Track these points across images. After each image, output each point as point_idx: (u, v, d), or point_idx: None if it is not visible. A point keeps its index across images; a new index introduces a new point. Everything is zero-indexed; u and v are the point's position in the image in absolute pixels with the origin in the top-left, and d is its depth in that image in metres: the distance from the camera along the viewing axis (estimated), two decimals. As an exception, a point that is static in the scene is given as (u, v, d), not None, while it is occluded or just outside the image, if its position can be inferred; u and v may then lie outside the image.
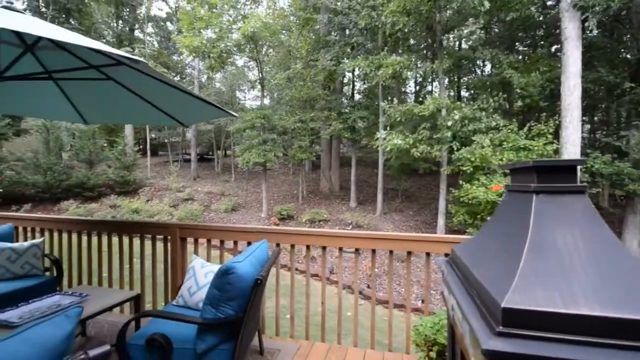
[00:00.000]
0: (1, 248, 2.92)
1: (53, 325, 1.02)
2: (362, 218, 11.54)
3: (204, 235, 2.97)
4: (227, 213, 12.95)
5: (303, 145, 12.61)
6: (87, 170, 14.10)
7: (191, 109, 3.08)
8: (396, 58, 9.38)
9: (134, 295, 2.61)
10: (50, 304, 2.32)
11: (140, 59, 1.48)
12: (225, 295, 1.83)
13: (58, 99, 3.27)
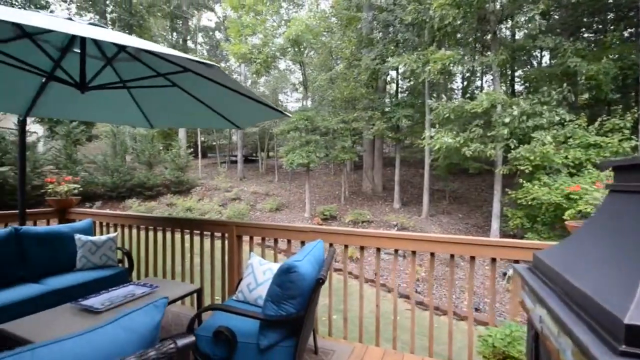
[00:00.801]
0: (84, 241, 3.26)
1: (145, 313, 1.09)
2: (407, 220, 11.20)
3: (259, 233, 3.06)
4: (271, 212, 13.32)
5: (346, 146, 12.56)
6: (147, 172, 15.34)
7: (248, 111, 3.18)
8: (445, 53, 8.95)
9: (197, 289, 2.76)
10: (126, 293, 2.53)
11: (214, 64, 1.55)
12: (286, 293, 1.85)
13: (129, 105, 3.57)
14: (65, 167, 13.18)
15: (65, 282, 2.87)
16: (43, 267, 3.04)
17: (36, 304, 2.59)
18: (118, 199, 14.27)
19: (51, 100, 3.33)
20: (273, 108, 2.71)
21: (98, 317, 2.12)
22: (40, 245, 3.06)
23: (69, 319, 2.12)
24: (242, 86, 2.03)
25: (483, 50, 13.93)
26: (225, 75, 1.69)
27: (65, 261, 3.19)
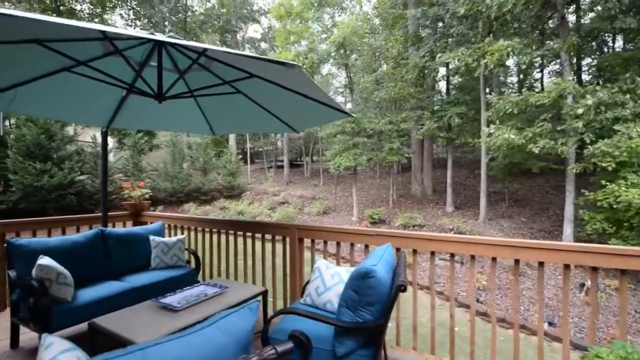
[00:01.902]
0: (157, 242, 3.47)
1: (239, 316, 1.07)
2: (463, 224, 10.52)
3: (322, 236, 3.01)
4: (319, 216, 13.37)
5: (394, 148, 12.20)
6: (202, 177, 16.32)
7: (309, 113, 3.17)
8: (503, 43, 8.28)
9: (263, 291, 2.78)
10: (199, 293, 2.62)
11: (296, 64, 1.53)
12: (364, 299, 1.76)
13: (194, 113, 3.75)
14: (132, 174, 14.50)
15: (143, 281, 3.06)
16: (123, 265, 3.28)
17: (119, 300, 2.79)
18: (177, 203, 15.34)
19: (128, 112, 3.61)
20: (340, 110, 2.65)
21: (177, 315, 2.21)
22: (120, 246, 3.30)
23: (150, 315, 2.23)
24: (317, 86, 1.99)
25: (543, 38, 12.75)
26: (303, 76, 1.66)
27: (141, 260, 3.42)
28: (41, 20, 1.61)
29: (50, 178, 11.40)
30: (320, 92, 2.17)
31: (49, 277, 2.45)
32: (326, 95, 2.26)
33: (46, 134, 11.95)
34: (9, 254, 2.66)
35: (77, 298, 2.57)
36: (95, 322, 2.12)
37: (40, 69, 2.50)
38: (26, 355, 2.57)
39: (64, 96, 3.02)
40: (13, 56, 2.21)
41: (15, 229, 3.59)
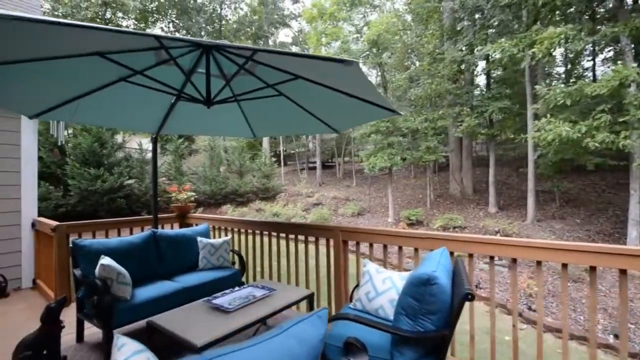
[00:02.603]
0: (204, 243, 3.57)
1: (310, 324, 1.02)
2: (509, 226, 9.88)
3: (367, 239, 2.92)
4: (353, 217, 13.23)
5: (431, 146, 11.77)
6: (238, 180, 16.80)
7: (352, 112, 3.10)
8: (555, 30, 7.66)
9: (309, 294, 2.74)
10: (247, 294, 2.64)
11: (354, 60, 1.48)
12: (425, 308, 1.65)
13: (237, 117, 3.82)
14: (174, 178, 15.26)
15: (193, 281, 3.15)
16: (174, 266, 3.41)
17: (172, 299, 2.89)
18: (215, 205, 15.91)
19: (174, 119, 3.75)
20: (388, 108, 2.56)
21: (229, 316, 2.23)
22: (171, 247, 3.44)
23: (204, 316, 2.27)
24: (369, 83, 1.92)
25: (594, 24, 11.68)
26: (358, 72, 1.60)
27: (190, 261, 3.53)
28: (103, 31, 1.70)
29: (103, 182, 12.28)
30: (370, 89, 2.10)
31: (111, 276, 2.59)
32: (376, 92, 2.18)
33: (99, 142, 12.91)
34: (74, 254, 2.85)
35: (135, 297, 2.70)
36: (154, 320, 2.20)
37: (100, 80, 2.65)
38: (90, 349, 2.73)
39: (118, 105, 3.19)
40: (76, 69, 2.36)
41: (77, 230, 3.87)
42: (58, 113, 2.83)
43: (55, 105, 2.73)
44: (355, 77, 1.92)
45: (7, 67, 1.99)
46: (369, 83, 1.91)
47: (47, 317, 2.47)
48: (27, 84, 2.37)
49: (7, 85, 2.28)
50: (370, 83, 1.92)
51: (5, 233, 4.23)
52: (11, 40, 1.68)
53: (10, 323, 3.29)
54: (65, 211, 11.86)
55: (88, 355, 2.63)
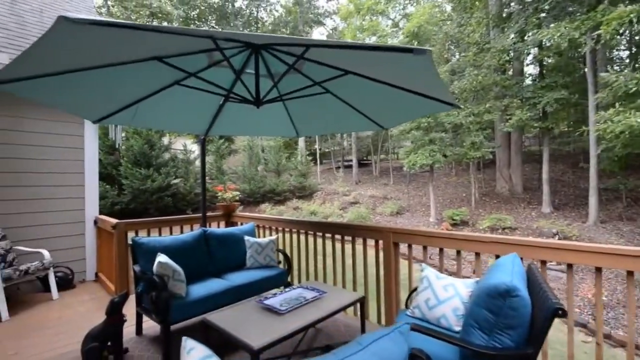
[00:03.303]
0: (251, 242, 3.60)
1: (392, 341, 0.93)
2: (567, 227, 9.04)
3: (420, 241, 2.76)
4: (392, 216, 12.89)
5: (476, 142, 11.09)
6: (275, 179, 17.11)
7: (402, 107, 2.95)
8: (625, 9, 6.81)
9: (361, 297, 2.64)
10: (297, 296, 2.60)
11: (427, 49, 1.36)
12: (503, 322, 1.48)
13: (281, 117, 3.81)
14: (216, 177, 15.87)
15: (242, 279, 3.18)
16: (223, 263, 3.47)
17: (223, 297, 2.93)
18: (254, 203, 16.33)
19: (221, 120, 3.82)
20: (447, 102, 2.38)
21: (282, 318, 2.19)
22: (220, 245, 3.50)
23: (257, 316, 2.25)
24: (436, 73, 1.77)
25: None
26: (426, 62, 1.46)
27: (238, 259, 3.58)
28: (160, 30, 1.71)
29: (152, 182, 13.09)
30: (435, 80, 1.94)
31: (167, 273, 2.68)
32: (441, 84, 2.01)
33: (148, 144, 13.77)
34: (134, 251, 2.99)
35: (189, 294, 2.77)
36: (209, 319, 2.22)
37: (156, 84, 2.74)
38: (149, 342, 2.85)
39: (171, 108, 3.30)
40: (136, 75, 2.46)
41: (134, 228, 4.09)
42: (118, 117, 2.98)
43: (116, 110, 2.87)
44: (419, 68, 1.78)
45: (75, 74, 2.10)
46: (435, 74, 1.76)
47: (111, 310, 2.61)
48: (92, 90, 2.50)
49: (74, 92, 2.43)
50: (436, 74, 1.77)
51: (71, 229, 4.59)
52: (82, 46, 1.75)
53: (78, 313, 3.55)
54: (120, 208, 12.80)
55: (147, 348, 2.74)
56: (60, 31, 1.22)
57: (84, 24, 1.18)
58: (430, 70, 1.63)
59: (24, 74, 1.91)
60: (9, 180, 4.10)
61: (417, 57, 1.43)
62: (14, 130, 4.15)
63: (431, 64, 1.53)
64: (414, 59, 1.46)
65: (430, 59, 1.47)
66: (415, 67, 1.76)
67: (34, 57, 1.67)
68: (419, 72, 1.86)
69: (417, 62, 1.54)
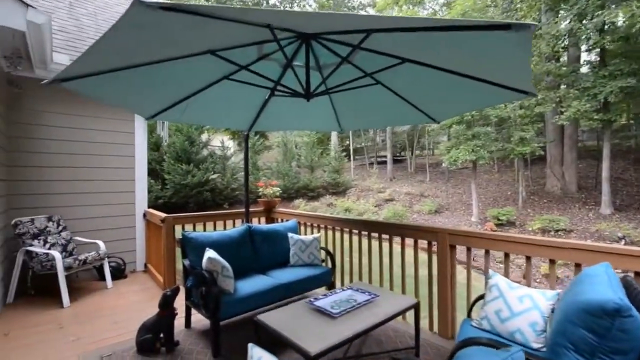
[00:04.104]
0: (295, 239, 3.53)
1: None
2: (635, 231, 8.13)
3: (481, 244, 2.52)
4: (430, 215, 12.40)
5: (527, 137, 10.28)
6: (309, 175, 17.13)
7: (460, 99, 2.71)
8: None
9: (415, 303, 2.47)
10: (348, 298, 2.47)
11: (533, 24, 1.17)
12: (609, 345, 1.26)
13: (325, 111, 3.69)
14: (251, 173, 16.18)
15: (288, 277, 3.12)
16: (267, 260, 3.44)
17: (270, 295, 2.89)
18: (288, 199, 16.47)
19: (264, 116, 3.77)
20: (523, 92, 2.12)
21: (335, 322, 2.08)
22: (265, 242, 3.47)
23: (308, 318, 2.16)
24: (527, 56, 1.54)
25: None
26: (523, 41, 1.26)
27: (281, 256, 3.54)
28: (222, 17, 1.64)
29: (192, 177, 13.60)
30: (514, 64, 1.70)
31: (216, 269, 2.67)
32: (524, 68, 1.76)
33: (189, 141, 14.31)
34: (183, 245, 3.03)
35: (237, 291, 2.75)
36: (262, 320, 2.17)
37: (207, 79, 2.73)
38: (198, 336, 2.88)
39: (217, 104, 3.29)
40: (188, 70, 2.44)
41: (181, 222, 4.19)
42: (169, 114, 3.02)
43: (167, 106, 2.91)
44: (499, 50, 1.57)
45: (132, 72, 2.12)
46: (523, 56, 1.53)
47: (163, 304, 2.66)
48: (147, 87, 2.53)
49: (130, 90, 2.47)
50: (525, 55, 1.54)
51: (123, 222, 4.82)
52: (142, 42, 1.74)
53: (130, 303, 3.69)
54: (162, 202, 13.44)
55: (197, 342, 2.77)
56: (131, 16, 1.19)
57: (156, 8, 1.13)
58: (523, 50, 1.40)
59: (86, 70, 1.94)
60: (68, 174, 4.36)
61: (501, 36, 1.23)
62: (73, 127, 4.40)
63: (528, 42, 1.32)
64: (495, 39, 1.26)
65: (526, 37, 1.26)
66: (494, 49, 1.55)
67: (98, 52, 1.68)
68: (498, 54, 1.65)
69: (507, 40, 1.32)
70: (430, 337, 2.79)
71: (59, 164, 4.29)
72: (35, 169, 4.13)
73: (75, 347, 2.71)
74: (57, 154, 4.27)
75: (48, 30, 3.04)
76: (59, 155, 4.29)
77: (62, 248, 3.97)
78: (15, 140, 3.99)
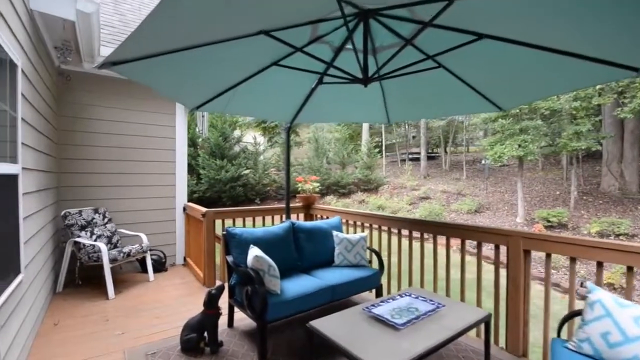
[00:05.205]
0: (341, 238, 3.31)
1: None
2: None
3: (567, 251, 2.16)
4: (470, 214, 11.73)
5: (583, 131, 9.37)
6: (340, 171, 16.87)
7: (547, 79, 2.35)
8: None
9: (486, 316, 2.16)
10: (408, 306, 2.22)
11: None
12: None
13: (374, 100, 3.42)
14: (283, 168, 16.20)
15: (335, 279, 2.91)
16: (311, 259, 3.25)
17: (317, 296, 2.70)
18: (320, 195, 16.33)
19: (307, 107, 3.56)
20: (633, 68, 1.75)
21: (400, 334, 1.84)
22: (309, 239, 3.28)
23: (367, 328, 1.93)
24: None
25: None
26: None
27: (325, 256, 3.33)
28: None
29: (226, 172, 13.81)
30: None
31: (263, 268, 2.51)
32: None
33: (222, 137, 14.54)
34: (227, 241, 2.91)
35: (284, 291, 2.57)
36: (315, 326, 1.97)
37: (255, 66, 2.55)
38: (241, 336, 2.75)
39: (261, 94, 3.12)
40: (236, 55, 2.27)
41: (221, 217, 4.12)
42: (214, 104, 2.89)
43: (213, 96, 2.78)
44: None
45: (179, 58, 1.97)
46: None
47: (208, 303, 2.54)
48: (193, 75, 2.40)
49: (177, 77, 2.34)
50: None
51: (164, 215, 4.84)
52: (190, 21, 1.58)
53: (172, 297, 3.66)
54: (197, 197, 13.77)
55: (241, 343, 2.63)
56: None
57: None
58: None
59: (135, 54, 1.82)
60: (113, 167, 4.42)
61: None
62: (117, 121, 4.45)
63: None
64: None
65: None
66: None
67: (147, 32, 1.55)
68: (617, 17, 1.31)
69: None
70: (497, 352, 2.47)
71: (104, 157, 4.36)
72: (82, 162, 4.22)
73: (120, 341, 2.67)
74: (102, 147, 4.34)
75: (96, 21, 3.01)
76: (104, 148, 4.35)
77: (107, 240, 4.03)
78: (64, 133, 4.09)
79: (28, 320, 2.48)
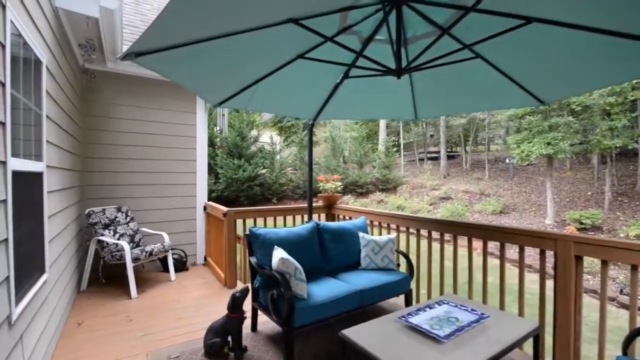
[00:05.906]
0: (367, 239, 3.15)
1: None
2: None
3: (628, 258, 1.93)
4: (495, 215, 11.29)
5: (618, 127, 8.81)
6: (358, 171, 16.65)
7: (591, 71, 2.12)
8: None
9: (536, 328, 1.96)
10: (445, 314, 2.04)
11: None
12: None
13: (401, 95, 3.24)
14: (299, 168, 16.13)
15: (363, 283, 2.76)
16: (336, 262, 3.11)
17: (345, 301, 2.55)
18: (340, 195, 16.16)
19: (331, 103, 3.41)
20: None
21: (444, 347, 1.67)
22: (334, 241, 3.14)
23: (406, 339, 1.77)
24: None
25: None
26: None
27: (351, 258, 3.19)
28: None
29: (243, 172, 13.86)
30: None
31: (289, 271, 2.39)
32: None
33: (240, 136, 14.61)
34: (250, 242, 2.80)
35: (310, 296, 2.44)
36: (347, 335, 1.83)
37: (279, 59, 2.43)
38: (266, 341, 2.64)
39: (284, 89, 2.99)
40: (261, 47, 2.16)
41: (242, 217, 4.04)
42: (237, 100, 2.80)
43: (235, 92, 2.68)
44: None
45: (204, 49, 1.87)
46: None
47: (232, 306, 2.44)
48: (216, 69, 2.30)
49: (201, 70, 2.25)
50: None
51: (185, 214, 4.81)
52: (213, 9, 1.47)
53: (194, 298, 3.60)
54: (216, 196, 13.89)
55: (265, 349, 2.52)
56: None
57: None
58: None
59: (159, 44, 1.73)
60: (136, 166, 4.42)
61: None
62: (140, 119, 4.45)
63: None
64: None
65: None
66: None
67: (170, 20, 1.46)
68: None
69: None
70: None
71: (127, 155, 4.36)
72: (105, 160, 4.23)
73: (143, 343, 2.62)
74: (125, 146, 4.34)
75: (119, 18, 2.98)
76: (127, 147, 4.36)
77: (129, 239, 4.02)
78: (87, 132, 4.11)
79: (52, 320, 2.45)
